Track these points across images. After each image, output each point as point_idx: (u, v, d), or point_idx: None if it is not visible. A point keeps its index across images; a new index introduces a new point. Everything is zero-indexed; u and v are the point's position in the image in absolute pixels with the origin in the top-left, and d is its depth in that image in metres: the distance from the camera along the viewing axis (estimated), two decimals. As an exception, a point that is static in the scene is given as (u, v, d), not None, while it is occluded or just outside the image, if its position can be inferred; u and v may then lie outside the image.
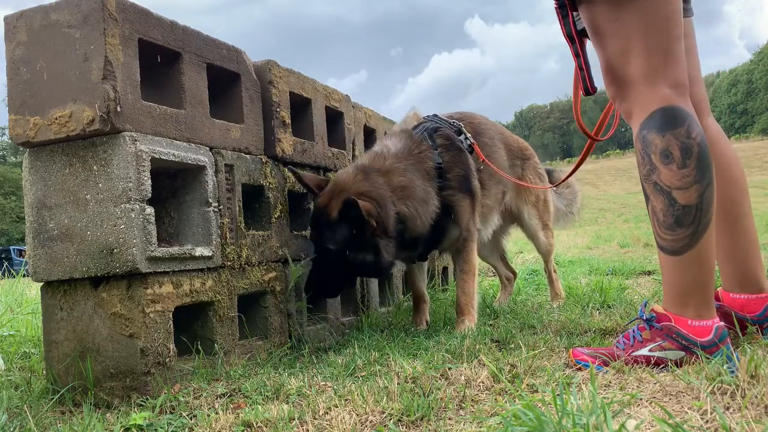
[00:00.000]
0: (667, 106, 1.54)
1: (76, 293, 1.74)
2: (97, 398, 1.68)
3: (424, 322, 2.66)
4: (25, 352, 2.37)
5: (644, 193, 1.62)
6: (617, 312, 2.54)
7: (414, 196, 2.34)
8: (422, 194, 2.37)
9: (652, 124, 1.55)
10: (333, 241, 2.22)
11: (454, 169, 2.52)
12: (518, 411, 1.14)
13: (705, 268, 1.55)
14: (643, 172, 1.59)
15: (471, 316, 2.48)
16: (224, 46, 2.11)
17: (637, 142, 1.59)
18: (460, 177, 2.52)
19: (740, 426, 1.07)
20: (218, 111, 2.10)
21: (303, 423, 1.36)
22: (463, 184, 2.53)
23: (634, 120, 1.60)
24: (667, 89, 1.54)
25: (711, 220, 1.53)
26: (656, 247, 1.62)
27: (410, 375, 1.63)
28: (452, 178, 2.50)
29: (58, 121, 1.69)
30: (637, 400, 1.30)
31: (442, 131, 2.59)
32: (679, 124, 1.53)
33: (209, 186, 1.93)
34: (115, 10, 1.66)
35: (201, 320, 1.94)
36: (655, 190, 1.56)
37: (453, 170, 2.51)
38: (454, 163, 2.52)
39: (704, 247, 1.53)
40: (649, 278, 4.26)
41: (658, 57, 1.54)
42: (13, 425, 1.46)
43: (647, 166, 1.57)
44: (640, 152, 1.58)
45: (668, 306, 1.61)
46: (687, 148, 1.52)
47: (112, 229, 1.66)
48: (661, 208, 1.56)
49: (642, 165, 1.59)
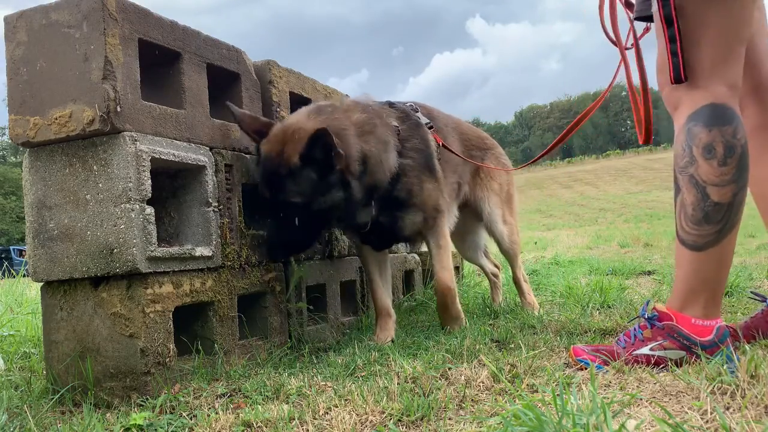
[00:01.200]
0: (718, 103, 1.54)
1: (76, 293, 1.74)
2: (97, 398, 1.68)
3: (389, 339, 2.31)
4: (25, 352, 2.37)
5: (675, 184, 1.60)
6: (617, 312, 2.54)
7: (376, 134, 2.13)
8: (384, 136, 2.16)
9: (700, 118, 1.54)
10: (298, 192, 1.93)
11: (412, 140, 2.29)
12: (518, 411, 1.14)
13: (723, 267, 1.57)
14: (680, 164, 1.57)
15: (453, 293, 2.34)
16: (224, 46, 2.11)
17: (681, 133, 1.58)
18: (419, 150, 2.30)
19: (740, 426, 1.07)
20: (218, 111, 2.10)
21: (303, 423, 1.36)
22: (421, 159, 2.30)
23: (681, 110, 1.59)
24: (722, 87, 1.54)
25: (738, 221, 1.55)
26: (676, 240, 1.61)
27: (410, 375, 1.63)
28: (410, 149, 2.27)
29: (58, 121, 1.69)
30: (637, 400, 1.30)
31: (397, 105, 2.41)
32: (728, 123, 1.53)
33: (209, 186, 1.93)
34: (115, 10, 1.66)
35: (201, 320, 1.94)
36: (690, 183, 1.55)
37: (411, 140, 2.28)
38: (412, 135, 2.31)
39: (727, 247, 1.55)
40: (649, 278, 4.26)
41: (722, 54, 1.54)
42: (13, 425, 1.46)
43: (686, 158, 1.56)
44: (681, 143, 1.57)
45: (675, 301, 1.61)
46: (731, 147, 1.52)
47: (112, 229, 1.66)
48: (691, 202, 1.55)
49: (680, 156, 1.57)
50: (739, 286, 3.05)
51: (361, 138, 2.09)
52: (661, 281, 3.84)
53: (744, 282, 3.21)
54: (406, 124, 2.32)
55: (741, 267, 4.08)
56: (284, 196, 1.94)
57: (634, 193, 35.47)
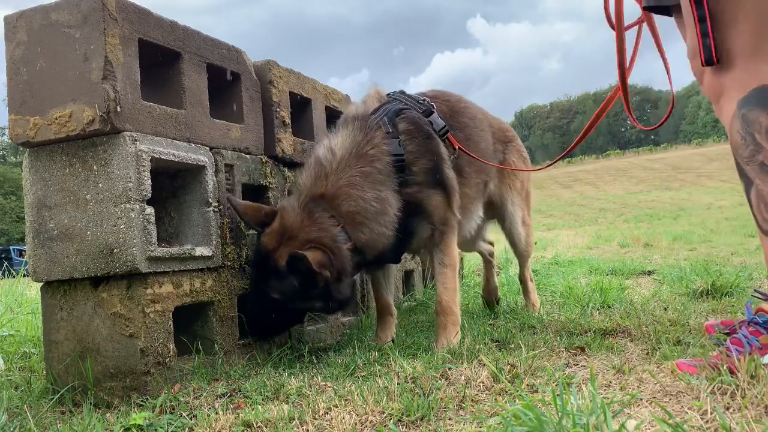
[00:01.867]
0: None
1: (76, 293, 1.74)
2: (97, 398, 1.68)
3: (390, 339, 2.29)
4: (25, 352, 2.37)
5: (744, 177, 1.47)
6: (617, 312, 2.54)
7: (368, 216, 2.03)
8: (377, 207, 2.05)
9: (754, 102, 1.41)
10: (279, 291, 1.95)
11: (421, 160, 2.15)
12: (518, 411, 1.14)
13: None
14: (744, 154, 1.44)
15: (454, 317, 2.16)
16: (224, 46, 2.11)
17: (735, 121, 1.45)
18: (428, 169, 2.16)
19: (740, 426, 1.07)
20: (218, 111, 2.10)
21: (303, 423, 1.36)
22: (431, 177, 2.17)
23: (729, 96, 1.47)
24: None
25: None
26: (760, 234, 1.50)
27: (410, 375, 1.63)
28: (418, 172, 2.14)
29: (58, 121, 1.69)
30: (637, 400, 1.30)
31: (406, 114, 2.20)
32: None
33: (209, 186, 1.93)
34: (115, 10, 1.66)
35: (201, 320, 1.94)
36: (763, 171, 1.42)
37: (419, 162, 2.15)
38: (421, 154, 2.16)
39: None
40: (649, 278, 4.26)
41: (765, 32, 1.41)
42: (13, 425, 1.46)
43: (750, 147, 1.43)
44: (738, 132, 1.45)
45: None
46: None
47: (112, 229, 1.66)
48: None
49: (742, 146, 1.44)
50: (740, 286, 3.05)
51: (355, 230, 2.02)
52: (662, 281, 3.84)
53: (744, 282, 3.20)
54: (414, 143, 2.16)
55: (741, 267, 4.08)
56: (267, 288, 1.97)
57: (634, 193, 35.48)
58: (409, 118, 2.19)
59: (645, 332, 2.06)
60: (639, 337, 2.03)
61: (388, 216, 2.07)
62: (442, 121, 2.26)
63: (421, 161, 2.15)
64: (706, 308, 2.58)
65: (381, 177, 2.07)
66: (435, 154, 2.19)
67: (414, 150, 2.14)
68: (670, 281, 3.61)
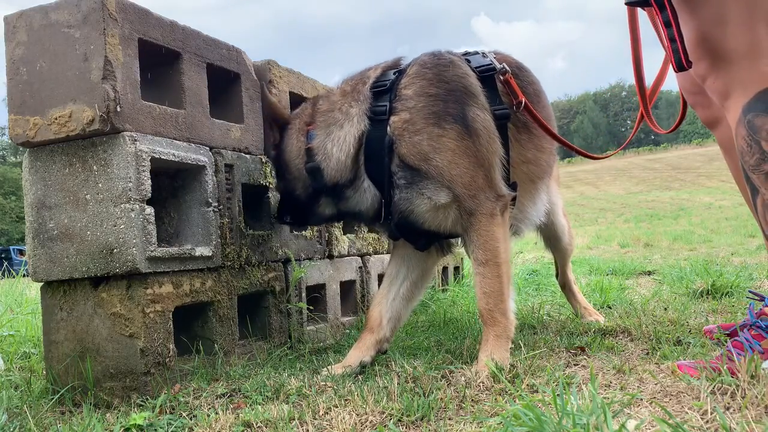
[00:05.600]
0: None
1: (76, 293, 1.74)
2: (97, 398, 1.68)
3: (357, 363, 1.82)
4: (25, 352, 2.37)
5: (750, 185, 1.40)
6: (617, 312, 2.54)
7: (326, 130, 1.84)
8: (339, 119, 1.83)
9: (760, 106, 1.34)
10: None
11: (413, 85, 1.74)
12: (518, 411, 1.14)
13: None
14: (751, 162, 1.37)
15: (498, 327, 1.70)
16: (224, 46, 2.11)
17: (740, 127, 1.38)
18: (428, 95, 1.72)
19: (740, 426, 1.07)
20: (218, 111, 2.10)
21: (303, 423, 1.36)
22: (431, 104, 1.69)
23: (734, 101, 1.40)
24: None
25: None
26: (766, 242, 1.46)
27: (410, 375, 1.63)
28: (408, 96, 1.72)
29: (57, 121, 1.69)
30: (637, 400, 1.30)
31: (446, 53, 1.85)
32: None
33: (209, 186, 1.93)
34: (115, 10, 1.66)
35: (201, 320, 1.94)
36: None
37: (411, 86, 1.75)
38: (415, 80, 1.75)
39: None
40: (649, 278, 4.26)
41: (762, 28, 1.35)
42: (13, 425, 1.46)
43: (756, 155, 1.36)
44: (744, 139, 1.38)
45: None
46: None
47: (112, 229, 1.66)
48: None
49: (747, 154, 1.38)
50: (739, 286, 3.05)
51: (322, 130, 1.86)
52: (662, 281, 3.84)
53: (744, 282, 3.21)
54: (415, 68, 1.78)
55: (741, 267, 4.08)
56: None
57: (634, 193, 35.47)
58: (432, 53, 1.84)
59: (645, 332, 2.06)
60: (639, 337, 2.03)
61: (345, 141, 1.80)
62: (498, 64, 1.80)
63: (415, 86, 1.74)
64: (706, 308, 2.58)
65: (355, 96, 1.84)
66: (443, 81, 1.72)
67: (411, 78, 1.76)
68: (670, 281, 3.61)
